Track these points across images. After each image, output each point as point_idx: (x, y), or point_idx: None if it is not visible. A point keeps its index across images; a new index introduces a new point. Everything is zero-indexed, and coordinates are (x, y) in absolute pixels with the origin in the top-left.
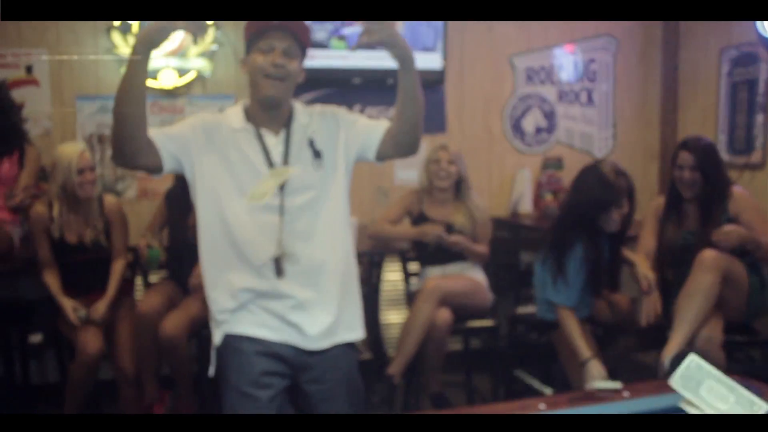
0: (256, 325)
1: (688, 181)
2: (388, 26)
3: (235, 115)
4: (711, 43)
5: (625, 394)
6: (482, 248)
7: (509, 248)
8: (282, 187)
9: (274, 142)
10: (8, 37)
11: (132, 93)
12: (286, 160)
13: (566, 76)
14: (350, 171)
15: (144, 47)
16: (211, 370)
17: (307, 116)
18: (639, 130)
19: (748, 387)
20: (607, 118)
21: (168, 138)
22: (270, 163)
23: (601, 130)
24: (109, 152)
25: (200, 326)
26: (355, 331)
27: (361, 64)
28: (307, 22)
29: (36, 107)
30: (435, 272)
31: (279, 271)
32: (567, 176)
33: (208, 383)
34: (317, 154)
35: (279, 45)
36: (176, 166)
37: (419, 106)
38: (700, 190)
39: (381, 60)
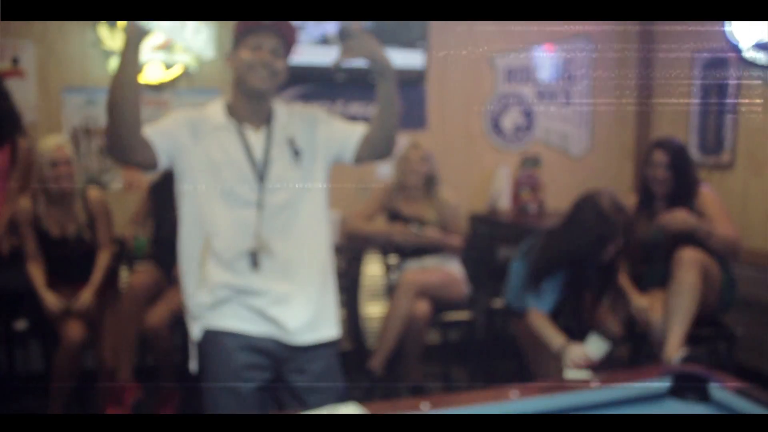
0: (237, 319)
1: (661, 179)
2: (367, 40)
3: (216, 110)
4: (684, 47)
5: (594, 384)
6: (455, 240)
7: (487, 244)
8: (261, 184)
9: (255, 138)
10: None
11: (125, 87)
12: (267, 155)
13: (545, 76)
14: (328, 170)
15: (134, 39)
16: (193, 365)
17: (287, 114)
18: (615, 130)
19: (708, 378)
20: (584, 118)
21: (161, 134)
22: (251, 159)
23: (578, 129)
24: (95, 144)
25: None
26: (333, 328)
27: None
28: (295, 23)
29: (22, 99)
30: (413, 265)
31: (255, 263)
32: (544, 174)
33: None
34: (296, 153)
35: (267, 44)
36: (169, 162)
37: (396, 113)
38: (670, 188)
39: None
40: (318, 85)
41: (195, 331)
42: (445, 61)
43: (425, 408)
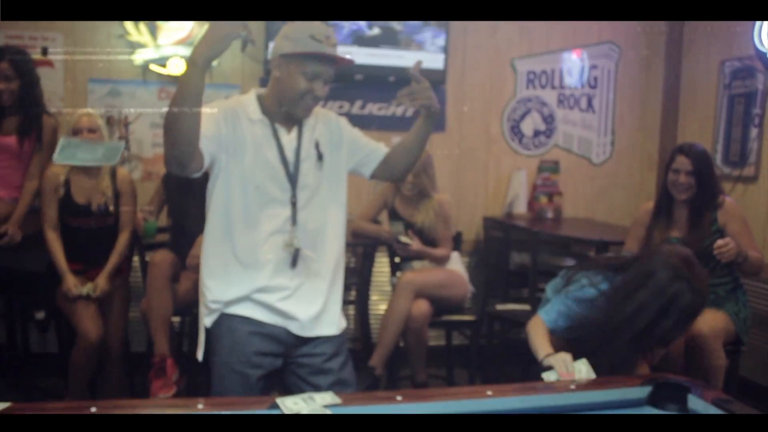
0: (251, 308)
1: (683, 185)
2: (427, 90)
3: (251, 104)
4: (712, 54)
5: (572, 386)
6: (440, 251)
7: (499, 247)
8: (293, 185)
9: (288, 138)
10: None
11: (188, 107)
12: (297, 156)
13: (568, 81)
14: (345, 178)
15: (198, 64)
16: (200, 355)
17: (313, 118)
18: (638, 138)
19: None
20: (606, 125)
21: (208, 140)
22: (283, 158)
23: (599, 136)
24: (116, 133)
25: (190, 304)
26: (340, 323)
27: (364, 61)
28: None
29: (50, 88)
30: (416, 265)
31: (294, 263)
32: (563, 180)
33: (195, 362)
34: (320, 157)
35: (324, 75)
36: (210, 163)
37: (421, 151)
38: (693, 195)
39: (382, 58)
40: (337, 86)
41: (208, 321)
42: (465, 64)
43: (399, 400)
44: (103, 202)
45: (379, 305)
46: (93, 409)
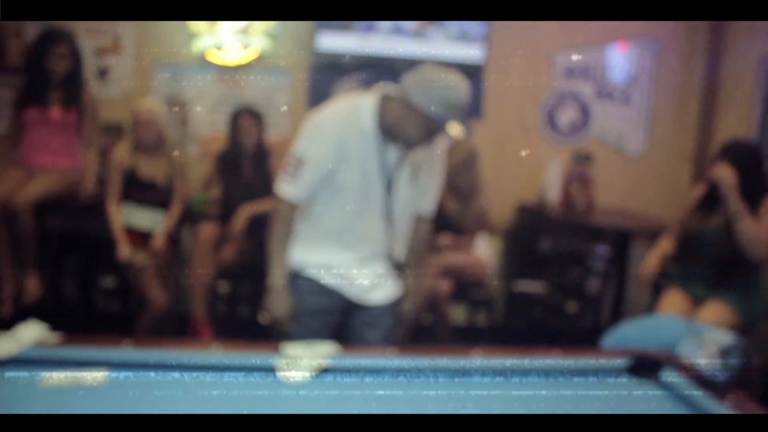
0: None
1: (728, 184)
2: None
3: (368, 113)
4: (753, 50)
5: (558, 355)
6: (465, 242)
7: (531, 233)
8: (390, 203)
9: (392, 154)
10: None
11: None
12: (396, 169)
13: (605, 74)
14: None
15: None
16: (264, 318)
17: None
18: (674, 133)
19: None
20: (642, 119)
21: (316, 183)
22: (384, 169)
23: (635, 129)
24: (178, 115)
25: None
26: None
27: (405, 51)
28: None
29: (120, 72)
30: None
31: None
32: (597, 171)
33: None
34: (415, 178)
35: (443, 130)
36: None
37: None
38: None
39: (421, 48)
40: (378, 72)
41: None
42: (505, 55)
43: (393, 353)
44: (161, 178)
45: None
46: (127, 345)
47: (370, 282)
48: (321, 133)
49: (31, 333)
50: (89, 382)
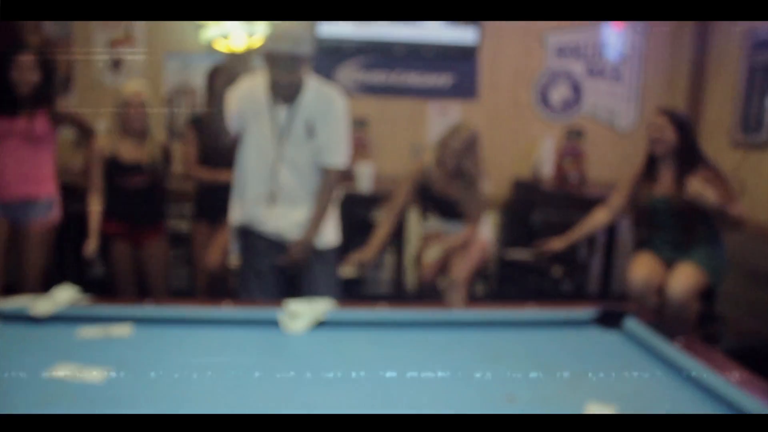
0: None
1: (662, 141)
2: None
3: (260, 85)
4: (737, 25)
5: (529, 307)
6: (464, 235)
7: (527, 207)
8: (280, 150)
9: (282, 114)
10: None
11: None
12: (287, 130)
13: (596, 53)
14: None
15: (221, 84)
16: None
17: (314, 96)
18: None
19: (628, 313)
20: (632, 94)
21: (233, 118)
22: (275, 131)
23: (626, 105)
24: (186, 101)
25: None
26: (328, 239)
27: (402, 35)
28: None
29: (132, 62)
30: (436, 225)
31: (272, 199)
32: (589, 146)
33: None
34: (310, 133)
35: (283, 66)
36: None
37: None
38: (674, 152)
39: (418, 33)
40: (377, 57)
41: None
42: (497, 37)
43: (382, 307)
44: (151, 159)
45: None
46: (148, 303)
47: (284, 224)
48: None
49: (65, 295)
50: (118, 335)
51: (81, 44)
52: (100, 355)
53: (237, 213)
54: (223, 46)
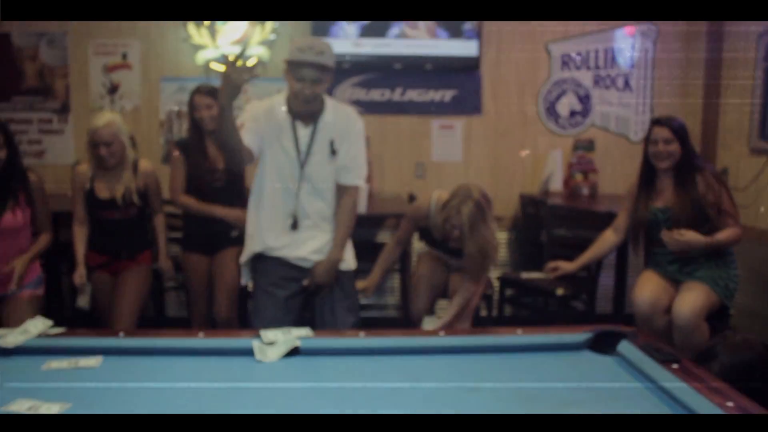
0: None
1: (663, 154)
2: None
3: (279, 104)
4: (752, 28)
5: (518, 331)
6: (473, 303)
7: (535, 223)
8: (303, 170)
9: (304, 133)
10: (109, 30)
11: (226, 130)
12: (309, 149)
13: (604, 62)
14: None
15: (226, 98)
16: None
17: (333, 114)
18: (679, 115)
19: (624, 335)
20: (644, 103)
21: (253, 137)
22: (297, 150)
23: (637, 114)
24: (184, 125)
25: None
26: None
27: (402, 51)
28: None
29: (129, 87)
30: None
31: (294, 226)
32: (600, 158)
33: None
34: (333, 153)
35: (308, 75)
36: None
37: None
38: (675, 163)
39: (418, 48)
40: (378, 74)
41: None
42: (499, 49)
43: (362, 336)
44: (127, 193)
45: None
46: (121, 334)
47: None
48: (249, 113)
49: (36, 326)
50: (85, 366)
51: (78, 70)
52: (63, 388)
53: (255, 240)
54: (219, 69)
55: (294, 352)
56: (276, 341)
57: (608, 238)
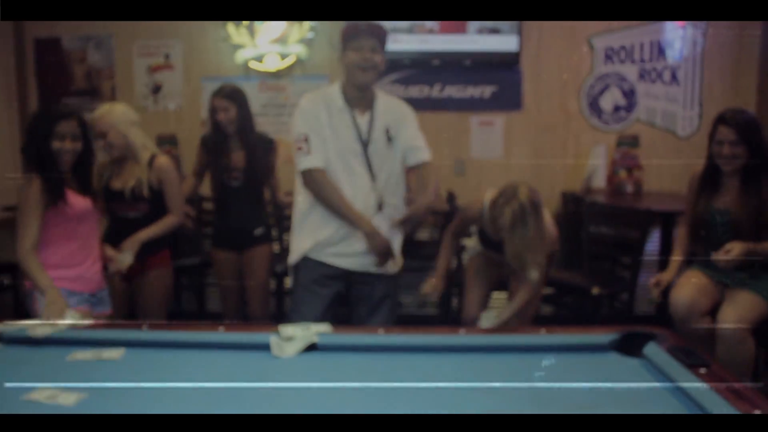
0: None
1: (728, 156)
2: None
3: (336, 95)
4: None
5: (542, 330)
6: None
7: (576, 222)
8: (369, 163)
9: (362, 121)
10: (151, 31)
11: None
12: (369, 135)
13: (650, 55)
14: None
15: None
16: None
17: (385, 103)
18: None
19: (652, 337)
20: (693, 97)
21: (322, 156)
22: (360, 138)
23: (685, 108)
24: None
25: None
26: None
27: (440, 47)
28: (385, 25)
29: (171, 87)
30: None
31: (380, 207)
32: (646, 154)
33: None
34: (390, 139)
35: (366, 44)
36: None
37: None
38: (741, 164)
39: (457, 44)
40: (416, 71)
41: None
42: (540, 44)
43: (381, 332)
44: (137, 186)
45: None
46: (144, 327)
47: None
48: (306, 111)
49: (73, 317)
50: (108, 358)
51: (123, 71)
52: (85, 377)
53: (306, 240)
54: (258, 67)
55: (311, 348)
56: (294, 337)
57: (682, 232)
